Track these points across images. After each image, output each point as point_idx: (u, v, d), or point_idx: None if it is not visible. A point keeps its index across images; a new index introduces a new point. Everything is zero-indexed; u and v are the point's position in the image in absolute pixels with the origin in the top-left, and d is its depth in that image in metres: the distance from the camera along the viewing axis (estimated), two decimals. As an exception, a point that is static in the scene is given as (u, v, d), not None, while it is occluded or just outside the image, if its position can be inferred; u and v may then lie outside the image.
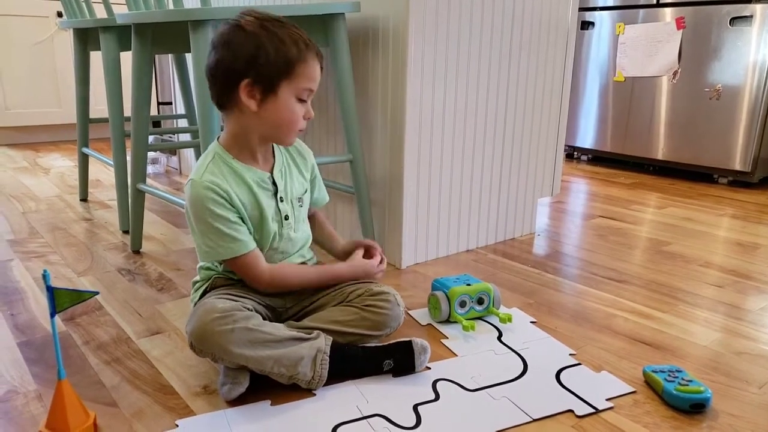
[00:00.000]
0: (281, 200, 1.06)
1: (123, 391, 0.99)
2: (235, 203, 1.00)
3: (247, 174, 1.03)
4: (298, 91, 0.99)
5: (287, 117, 1.00)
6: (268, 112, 0.99)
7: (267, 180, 1.05)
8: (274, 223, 1.05)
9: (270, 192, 1.05)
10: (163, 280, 1.47)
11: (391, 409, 0.93)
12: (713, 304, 1.35)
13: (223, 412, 0.92)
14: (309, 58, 0.99)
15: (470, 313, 1.23)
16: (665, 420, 0.91)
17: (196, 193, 0.99)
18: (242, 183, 1.02)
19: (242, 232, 1.01)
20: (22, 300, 1.35)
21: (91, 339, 1.17)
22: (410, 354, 1.02)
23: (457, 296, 1.21)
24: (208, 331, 0.92)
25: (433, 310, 1.24)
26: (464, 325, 1.16)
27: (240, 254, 1.00)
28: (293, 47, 0.97)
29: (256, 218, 1.04)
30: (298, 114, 1.01)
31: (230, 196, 1.00)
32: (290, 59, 0.97)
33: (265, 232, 1.05)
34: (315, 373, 0.96)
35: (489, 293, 1.23)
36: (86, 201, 2.24)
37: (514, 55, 1.64)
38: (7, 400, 0.96)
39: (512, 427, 0.89)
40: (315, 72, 1.01)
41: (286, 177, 1.09)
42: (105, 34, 1.72)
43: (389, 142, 1.51)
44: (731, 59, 2.39)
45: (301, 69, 0.98)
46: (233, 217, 1.00)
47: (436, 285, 1.28)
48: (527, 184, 1.81)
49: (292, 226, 1.09)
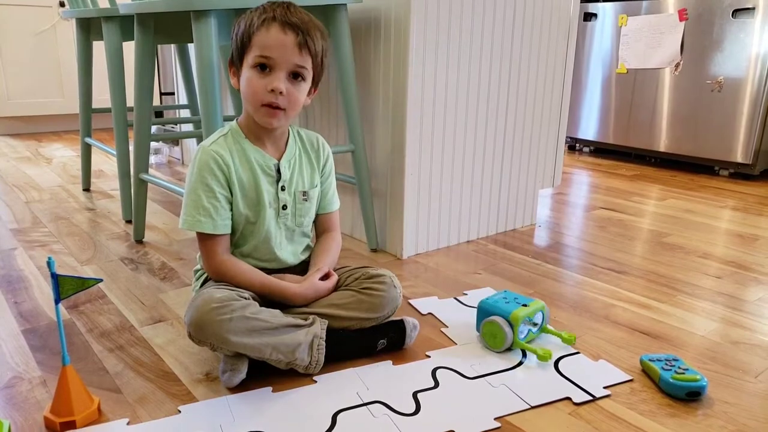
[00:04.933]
0: (282, 189, 1.07)
1: (126, 378, 1.00)
2: (231, 179, 1.01)
3: (253, 155, 1.04)
4: (253, 60, 0.97)
5: (246, 90, 0.99)
6: (241, 88, 1.01)
7: (272, 167, 1.05)
8: (272, 209, 1.06)
9: (272, 178, 1.06)
10: (165, 270, 1.48)
11: (390, 396, 0.94)
12: (711, 294, 1.36)
13: (225, 399, 0.94)
14: (263, 26, 0.96)
15: (528, 336, 1.10)
16: (661, 408, 0.93)
17: (199, 158, 1.01)
18: (246, 162, 1.03)
19: (219, 212, 1.01)
20: (26, 288, 1.36)
21: (94, 327, 1.18)
22: (402, 332, 1.04)
23: (520, 321, 1.06)
24: (206, 321, 0.93)
25: (491, 338, 1.08)
26: (540, 356, 1.03)
27: (202, 231, 1.01)
28: (257, 20, 0.97)
29: (252, 200, 1.04)
30: (255, 85, 0.98)
31: (230, 170, 1.01)
32: (250, 31, 0.97)
33: (261, 216, 1.05)
34: (312, 358, 0.98)
35: (543, 312, 1.12)
36: (89, 191, 2.25)
37: (516, 47, 1.64)
38: (12, 386, 0.97)
39: (510, 413, 0.91)
40: (269, 39, 0.96)
41: (294, 168, 1.09)
42: (108, 24, 1.72)
43: (391, 132, 1.52)
44: (733, 51, 2.39)
45: (257, 38, 0.97)
46: (220, 194, 1.01)
47: (487, 308, 1.10)
48: (528, 175, 1.81)
49: (291, 218, 1.09)
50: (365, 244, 1.64)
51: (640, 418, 0.90)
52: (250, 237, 1.06)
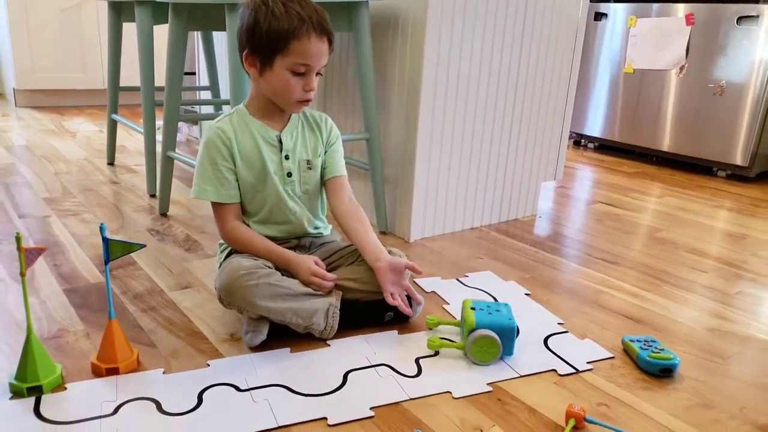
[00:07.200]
0: (286, 158, 1.17)
1: (159, 335, 1.12)
2: (234, 151, 1.13)
3: (255, 128, 1.15)
4: (292, 66, 1.06)
5: (282, 88, 1.09)
6: (267, 81, 1.10)
7: (274, 137, 1.16)
8: (277, 176, 1.16)
9: (275, 148, 1.16)
10: (189, 242, 1.60)
11: (395, 360, 1.06)
12: (695, 286, 1.47)
13: (248, 356, 1.05)
14: (303, 35, 1.04)
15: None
16: (637, 381, 1.04)
17: (207, 136, 1.14)
18: (248, 134, 1.14)
19: (224, 183, 1.13)
20: (63, 252, 1.48)
21: (128, 290, 1.30)
22: (408, 305, 1.15)
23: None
24: (235, 286, 1.04)
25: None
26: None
27: (207, 199, 1.14)
28: (286, 23, 1.03)
29: (257, 168, 1.15)
30: (294, 86, 1.08)
31: (232, 143, 1.13)
32: (283, 35, 1.04)
33: (268, 184, 1.15)
34: (327, 324, 1.10)
35: None
36: (113, 165, 2.37)
37: (525, 44, 1.73)
38: (60, 336, 1.09)
39: (502, 380, 1.02)
40: (311, 49, 1.05)
41: (296, 138, 1.18)
42: (140, 8, 1.82)
43: (404, 123, 1.62)
44: (737, 57, 2.47)
45: (295, 45, 1.05)
46: (223, 166, 1.12)
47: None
48: (531, 169, 1.92)
49: (298, 185, 1.18)
50: (375, 226, 1.75)
51: (617, 389, 1.01)
52: (262, 203, 1.17)
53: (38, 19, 3.43)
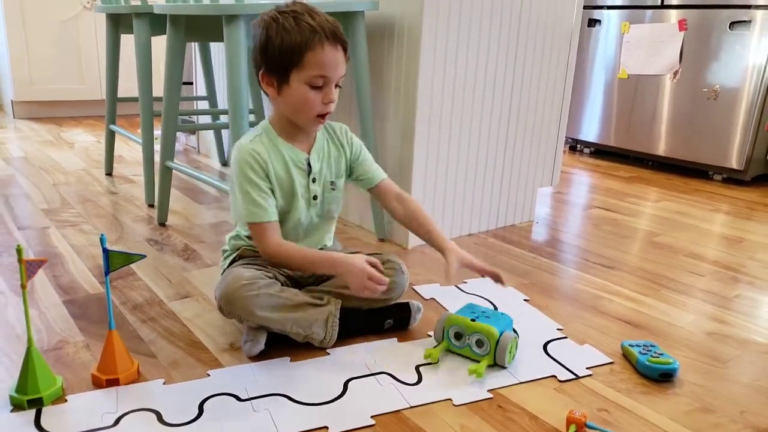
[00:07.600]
0: (313, 181, 1.16)
1: (159, 345, 1.12)
2: (270, 174, 1.10)
3: (286, 152, 1.13)
4: (309, 79, 1.04)
5: (301, 104, 1.07)
6: (285, 99, 1.08)
7: (303, 161, 1.15)
8: (303, 200, 1.16)
9: (304, 171, 1.15)
10: (188, 251, 1.60)
11: (395, 368, 1.06)
12: (693, 290, 1.47)
13: (248, 366, 1.06)
14: (317, 45, 1.01)
15: (465, 350, 1.10)
16: (636, 386, 1.04)
17: (240, 157, 1.10)
18: (280, 158, 1.12)
19: (268, 201, 1.10)
20: (62, 263, 1.48)
21: (127, 300, 1.30)
22: (407, 313, 1.16)
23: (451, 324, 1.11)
24: (236, 296, 1.05)
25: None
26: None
27: (258, 221, 1.10)
28: (298, 36, 1.01)
29: (287, 192, 1.14)
30: (313, 101, 1.05)
31: (267, 167, 1.10)
32: (296, 48, 1.01)
33: (294, 206, 1.15)
34: (327, 333, 1.10)
35: (489, 339, 1.07)
36: (111, 175, 2.37)
37: (520, 51, 1.75)
38: (60, 348, 1.09)
39: (502, 387, 1.02)
40: (325, 58, 1.02)
41: (322, 160, 1.18)
42: (138, 20, 1.83)
43: (401, 130, 1.63)
44: (729, 61, 2.49)
45: (309, 57, 1.02)
46: (264, 186, 1.10)
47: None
48: (528, 174, 1.93)
49: (320, 206, 1.19)
50: (373, 234, 1.76)
51: (617, 394, 1.02)
52: (283, 224, 1.15)
53: (36, 31, 3.45)
